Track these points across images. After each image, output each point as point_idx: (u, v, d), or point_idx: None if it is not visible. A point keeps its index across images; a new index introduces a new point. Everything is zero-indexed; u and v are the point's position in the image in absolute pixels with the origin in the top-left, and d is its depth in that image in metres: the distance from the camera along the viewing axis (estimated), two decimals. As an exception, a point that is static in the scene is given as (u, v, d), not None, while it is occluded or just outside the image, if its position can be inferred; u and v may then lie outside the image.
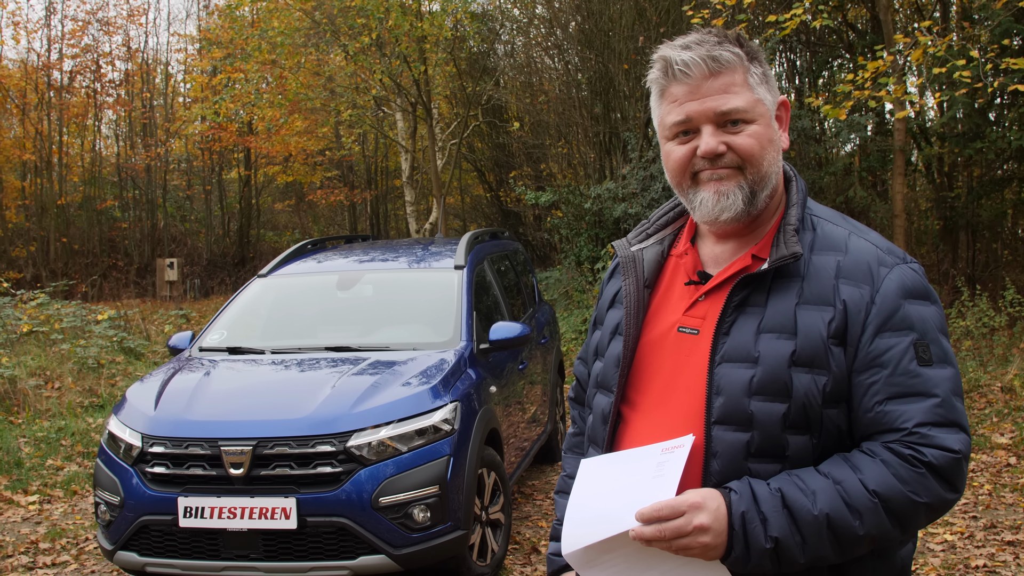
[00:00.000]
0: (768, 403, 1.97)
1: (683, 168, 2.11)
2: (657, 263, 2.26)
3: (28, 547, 7.32)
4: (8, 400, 11.78)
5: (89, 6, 32.26)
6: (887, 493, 1.90)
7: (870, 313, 1.99)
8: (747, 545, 1.88)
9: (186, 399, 6.02)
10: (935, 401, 1.94)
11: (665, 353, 2.14)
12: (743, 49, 2.09)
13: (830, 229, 2.12)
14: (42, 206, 30.22)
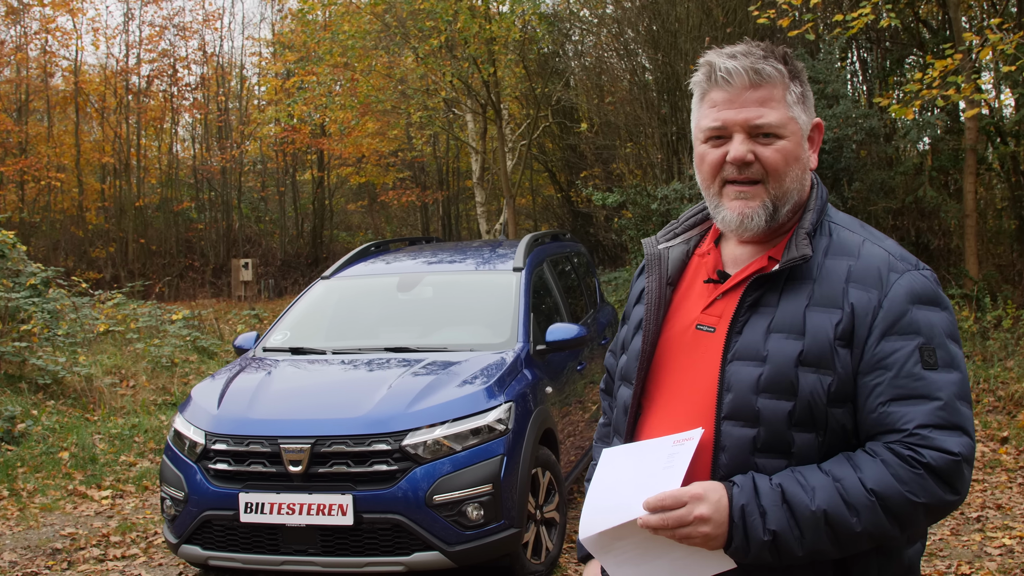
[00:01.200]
0: (774, 400, 2.04)
1: (714, 173, 2.19)
2: (681, 262, 2.34)
3: (100, 540, 7.55)
4: (85, 398, 12.11)
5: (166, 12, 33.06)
6: (885, 492, 1.95)
7: (877, 316, 2.05)
8: (746, 536, 1.95)
9: (248, 398, 6.19)
10: (937, 404, 1.99)
11: (683, 349, 2.22)
12: (787, 67, 2.16)
13: (846, 235, 2.18)
14: (121, 208, 30.89)
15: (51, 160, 29.10)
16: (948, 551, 6.46)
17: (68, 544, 7.45)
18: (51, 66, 30.96)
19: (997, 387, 10.57)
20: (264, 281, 29.83)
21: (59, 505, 8.55)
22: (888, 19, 13.05)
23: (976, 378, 10.80)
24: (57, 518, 8.20)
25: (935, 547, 6.55)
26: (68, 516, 8.27)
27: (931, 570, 6.08)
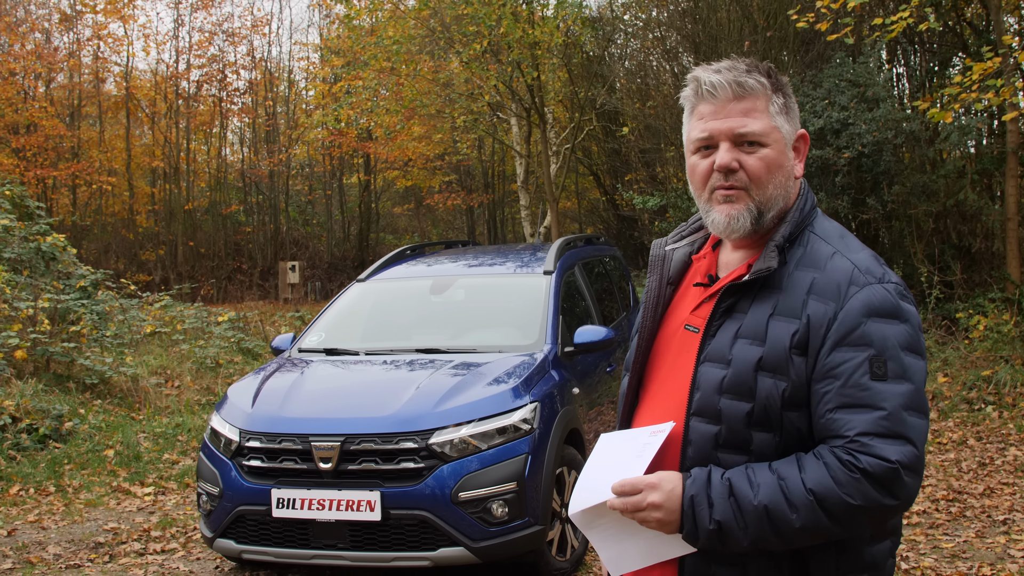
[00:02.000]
0: (735, 401, 2.18)
1: (704, 181, 2.31)
2: (683, 263, 2.49)
3: (141, 535, 7.76)
4: (130, 397, 12.38)
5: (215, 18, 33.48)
6: (822, 493, 2.06)
7: (831, 328, 2.15)
8: (695, 524, 2.10)
9: (281, 397, 6.37)
10: (881, 414, 2.09)
11: (673, 347, 2.38)
12: (769, 80, 2.29)
13: (819, 246, 2.29)
14: (170, 211, 31.36)
15: (103, 164, 29.60)
16: (971, 553, 6.51)
17: (110, 538, 7.67)
18: (103, 72, 31.50)
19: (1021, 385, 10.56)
20: (311, 283, 30.13)
21: (103, 501, 8.78)
22: (928, 22, 13.04)
23: (1015, 381, 10.79)
24: (101, 513, 8.42)
25: (958, 548, 6.59)
26: (111, 512, 8.49)
27: (952, 571, 6.13)
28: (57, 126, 28.08)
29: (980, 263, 15.09)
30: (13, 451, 9.77)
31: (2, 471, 9.34)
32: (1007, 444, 9.37)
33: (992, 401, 10.65)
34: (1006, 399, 10.61)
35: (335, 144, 30.25)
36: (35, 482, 9.16)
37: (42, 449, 10.00)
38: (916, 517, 7.36)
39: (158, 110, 31.95)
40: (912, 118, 14.48)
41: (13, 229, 13.98)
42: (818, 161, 13.97)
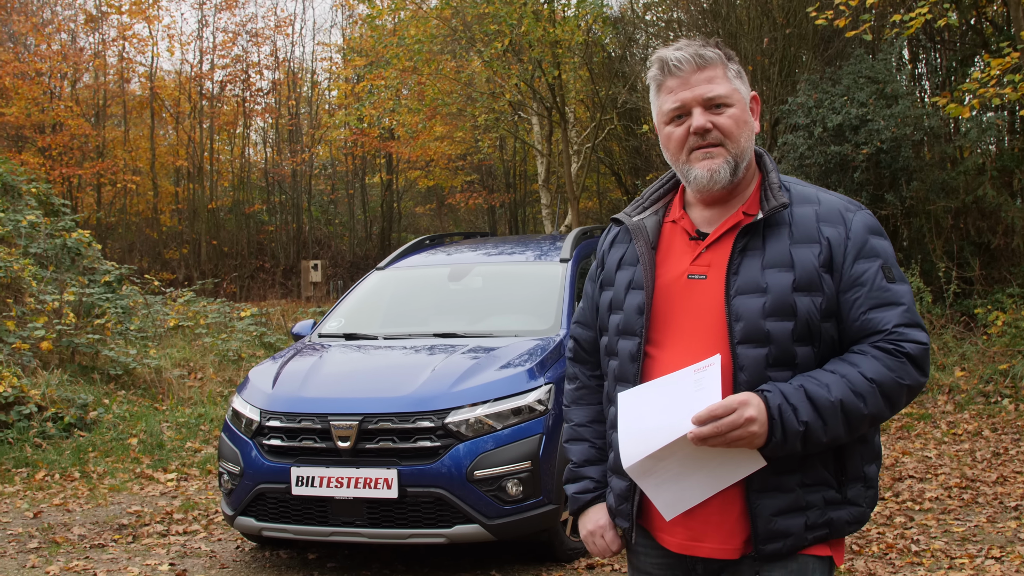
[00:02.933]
0: (780, 322, 2.45)
1: (680, 145, 2.58)
2: (656, 229, 2.69)
3: (163, 517, 7.90)
4: (154, 388, 12.55)
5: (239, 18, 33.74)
6: (880, 379, 2.39)
7: (848, 246, 2.50)
8: (784, 430, 2.33)
9: (301, 379, 6.50)
10: (903, 308, 2.47)
11: (679, 297, 2.57)
12: (722, 51, 2.58)
13: (801, 188, 2.63)
14: (194, 210, 31.60)
15: (127, 164, 29.86)
16: (982, 536, 6.57)
17: (133, 520, 7.82)
18: (128, 72, 31.77)
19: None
20: (333, 282, 30.31)
21: (126, 486, 8.94)
22: (945, 19, 13.07)
23: (1030, 374, 10.86)
24: (124, 498, 8.58)
25: (969, 532, 6.66)
26: (135, 496, 8.64)
27: (962, 553, 6.20)
28: (82, 125, 28.34)
29: (999, 260, 15.09)
30: (39, 439, 9.95)
31: (28, 458, 9.51)
32: (1022, 435, 9.42)
33: (1008, 394, 10.69)
34: (1022, 392, 10.64)
35: (357, 144, 30.42)
36: (60, 468, 9.33)
37: (67, 437, 10.18)
38: (928, 503, 7.43)
39: (182, 110, 32.21)
40: (931, 114, 14.51)
41: (39, 225, 14.18)
42: (836, 157, 14.02)
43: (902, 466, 8.59)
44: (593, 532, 2.78)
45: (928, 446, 9.33)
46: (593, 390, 2.89)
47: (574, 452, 2.86)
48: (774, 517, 2.44)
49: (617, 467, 2.61)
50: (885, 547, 6.36)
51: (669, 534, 2.57)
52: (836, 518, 2.49)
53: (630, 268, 2.68)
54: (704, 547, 2.52)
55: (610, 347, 2.71)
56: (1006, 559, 6.07)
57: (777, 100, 16.21)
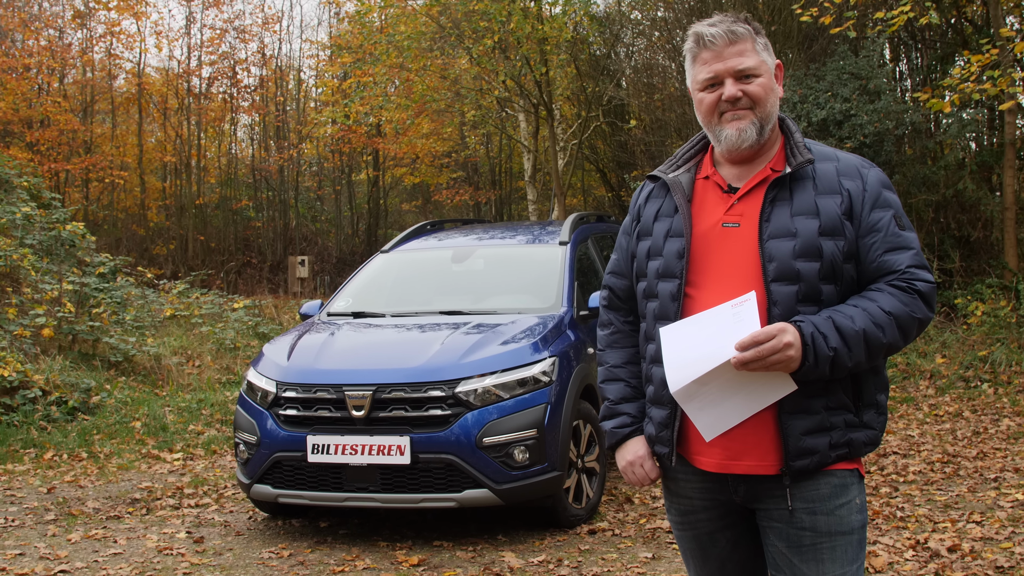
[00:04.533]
0: (808, 263, 2.76)
1: (712, 110, 2.90)
2: (691, 184, 3.01)
3: (174, 492, 8.17)
4: (154, 375, 12.81)
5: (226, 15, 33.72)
6: (897, 312, 2.73)
7: (865, 197, 2.82)
8: (816, 356, 2.64)
9: (315, 352, 6.80)
10: (913, 252, 2.80)
11: (715, 243, 2.88)
12: (751, 26, 2.88)
13: (820, 147, 2.95)
14: (181, 206, 31.74)
15: (115, 159, 29.98)
16: (963, 504, 6.90)
17: (146, 495, 8.07)
18: (115, 68, 31.89)
19: (1029, 368, 10.98)
20: (320, 278, 30.51)
21: (134, 465, 9.19)
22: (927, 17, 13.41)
23: (1009, 361, 11.21)
24: (133, 475, 8.83)
25: (951, 501, 6.99)
26: (144, 474, 8.89)
27: (944, 518, 6.53)
28: (71, 121, 28.46)
29: (979, 252, 15.48)
30: (44, 422, 10.18)
31: (35, 439, 9.74)
32: (1001, 416, 9.77)
33: (988, 379, 11.05)
34: (1001, 377, 11.01)
35: (345, 140, 30.62)
36: (68, 449, 9.56)
37: (71, 420, 10.41)
38: (912, 476, 7.76)
39: (170, 106, 32.34)
40: (913, 110, 14.86)
41: (34, 217, 14.37)
42: (821, 151, 14.32)
43: (886, 444, 8.92)
44: (632, 463, 3.05)
45: (911, 426, 9.67)
46: (627, 334, 3.17)
47: (611, 391, 3.14)
48: (803, 436, 2.76)
49: (657, 398, 2.94)
50: (872, 514, 6.68)
51: (707, 456, 2.86)
52: (855, 439, 2.82)
53: (667, 219, 2.98)
54: (742, 465, 2.82)
55: (649, 289, 3.00)
56: (986, 523, 6.40)
57: (762, 96, 16.50)
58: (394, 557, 6.22)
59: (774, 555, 2.89)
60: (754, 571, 3.05)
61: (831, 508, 2.81)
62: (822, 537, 2.81)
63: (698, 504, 2.98)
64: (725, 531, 2.99)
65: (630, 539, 6.46)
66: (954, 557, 5.72)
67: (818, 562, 2.81)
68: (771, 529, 2.88)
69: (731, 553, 3.01)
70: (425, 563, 6.09)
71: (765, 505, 2.86)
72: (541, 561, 6.02)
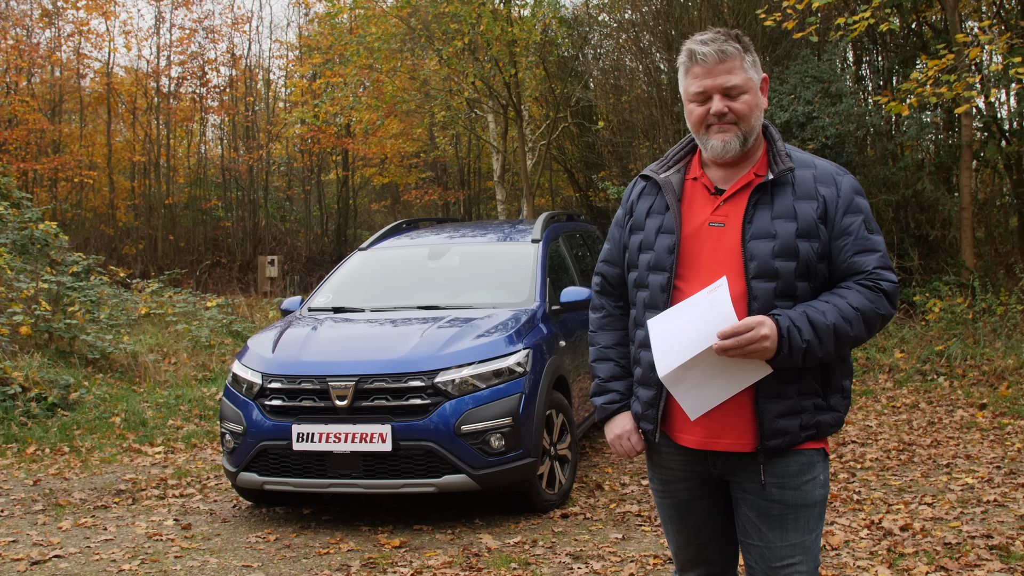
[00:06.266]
0: (785, 262, 3.04)
1: (701, 121, 3.18)
2: (680, 184, 3.30)
3: (159, 483, 8.41)
4: (131, 372, 13.00)
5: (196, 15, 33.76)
6: (864, 308, 3.01)
7: (838, 203, 3.11)
8: (790, 346, 2.93)
9: (299, 344, 7.08)
10: (880, 254, 3.09)
11: (702, 241, 3.16)
12: (740, 44, 3.13)
13: (799, 154, 3.23)
14: (150, 206, 31.78)
15: (83, 159, 29.99)
16: (916, 488, 7.28)
17: (130, 486, 8.31)
18: (84, 68, 31.90)
19: (983, 363, 11.37)
20: (290, 277, 30.67)
21: (116, 459, 9.40)
22: (887, 24, 13.82)
23: (964, 355, 11.63)
24: (116, 468, 9.05)
25: (905, 485, 7.37)
26: (127, 467, 9.12)
27: (898, 501, 6.89)
28: (39, 120, 28.48)
29: (937, 251, 15.93)
30: (24, 417, 10.37)
31: (16, 435, 9.93)
32: (955, 407, 10.17)
33: (944, 372, 11.46)
34: (956, 370, 11.42)
35: (314, 140, 30.79)
36: (49, 443, 9.76)
37: (51, 416, 10.60)
38: (869, 463, 8.13)
39: (138, 106, 32.39)
40: (873, 113, 15.28)
41: (6, 216, 14.50)
42: (784, 152, 14.70)
43: (845, 433, 9.29)
44: (620, 436, 3.36)
45: (869, 417, 10.05)
46: (617, 318, 3.46)
47: (601, 370, 3.44)
48: (776, 418, 3.06)
49: (644, 379, 3.23)
50: (831, 497, 7.03)
51: (688, 434, 3.17)
52: (823, 420, 3.12)
53: (659, 216, 3.26)
54: (721, 443, 3.12)
55: (640, 280, 3.27)
56: (937, 504, 6.77)
57: (727, 98, 16.88)
58: (376, 540, 6.52)
59: (744, 523, 3.21)
60: (726, 537, 3.36)
61: (798, 484, 3.13)
62: (788, 509, 3.13)
63: (679, 475, 3.28)
64: (702, 500, 3.29)
65: (601, 522, 6.79)
66: (906, 535, 6.08)
67: (783, 530, 3.15)
68: (743, 500, 3.19)
69: (706, 520, 3.32)
70: (406, 545, 6.39)
71: (739, 478, 3.17)
72: (517, 542, 6.33)
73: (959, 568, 5.46)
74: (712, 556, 3.38)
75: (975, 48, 12.28)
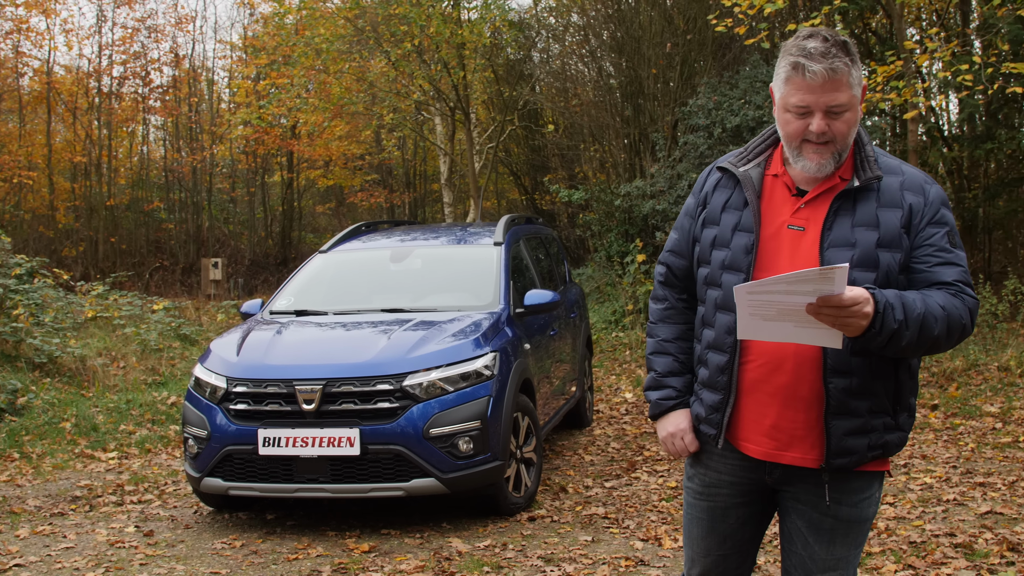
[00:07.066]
0: (864, 272, 2.92)
1: (797, 136, 3.00)
2: (760, 180, 3.16)
3: (115, 489, 8.28)
4: (79, 376, 12.80)
5: (139, 14, 33.34)
6: (950, 310, 2.87)
7: (924, 213, 2.98)
8: (883, 325, 2.76)
9: (264, 348, 7.02)
10: (962, 269, 2.97)
11: (781, 244, 3.04)
12: (850, 57, 2.93)
13: (886, 160, 3.10)
14: (91, 207, 31.34)
15: (22, 159, 29.50)
16: (878, 488, 7.36)
17: (87, 493, 8.17)
18: (23, 66, 31.40)
19: (932, 365, 11.56)
20: (233, 280, 30.41)
21: (69, 464, 9.25)
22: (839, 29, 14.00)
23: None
24: (70, 474, 8.90)
25: (867, 485, 7.45)
26: (80, 473, 8.97)
27: (861, 501, 6.97)
28: (-24, 119, 28.01)
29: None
30: (-31, 424, 10.18)
31: (-37, 441, 9.74)
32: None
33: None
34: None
35: (258, 142, 30.55)
36: (-2, 449, 9.59)
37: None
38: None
39: (79, 106, 31.92)
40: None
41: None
42: (735, 156, 14.85)
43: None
44: (674, 434, 3.27)
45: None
46: (680, 311, 3.35)
47: (659, 363, 3.33)
48: (845, 437, 2.96)
49: (712, 382, 3.13)
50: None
51: (755, 444, 3.08)
52: (889, 440, 3.03)
53: (735, 212, 3.12)
54: (786, 456, 3.03)
55: (712, 278, 3.15)
56: (899, 504, 6.86)
57: (678, 102, 17.05)
58: (345, 545, 6.47)
59: (791, 530, 3.15)
60: (747, 553, 3.31)
61: (855, 501, 3.06)
62: (840, 524, 3.07)
63: (725, 479, 3.20)
64: (740, 508, 3.21)
65: (568, 524, 6.79)
66: (871, 535, 6.15)
67: (831, 544, 3.08)
68: (794, 510, 3.12)
69: (737, 529, 3.24)
70: (376, 550, 6.35)
71: (794, 489, 3.10)
72: (487, 546, 6.32)
73: (926, 566, 5.54)
74: (728, 571, 3.32)
75: (924, 55, 12.48)
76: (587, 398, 10.12)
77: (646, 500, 7.36)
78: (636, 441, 9.44)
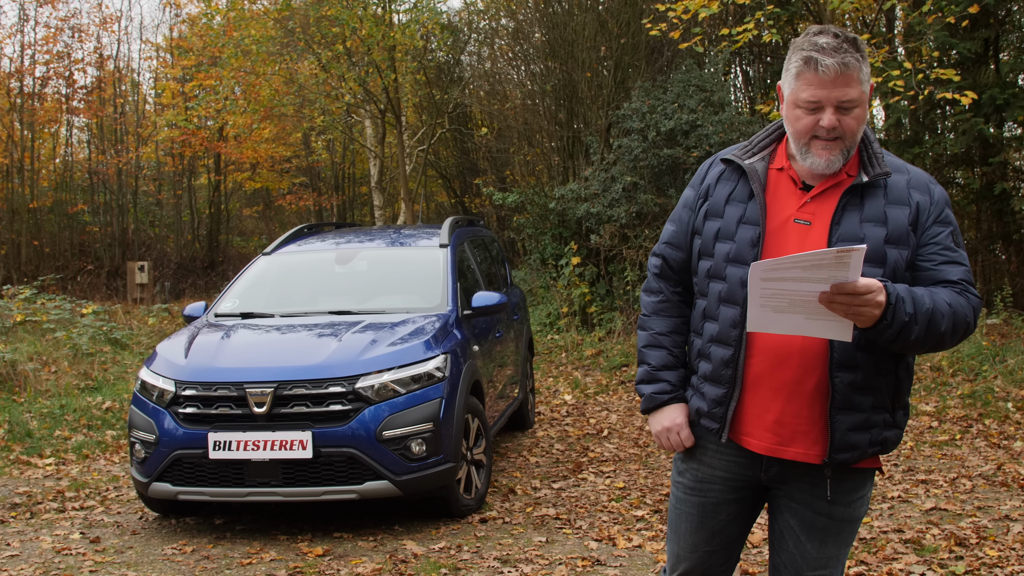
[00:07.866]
0: (872, 268, 2.91)
1: (807, 132, 3.00)
2: (764, 173, 3.15)
3: (56, 496, 8.13)
4: (10, 381, 12.55)
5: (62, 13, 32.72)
6: (956, 307, 2.91)
7: (930, 211, 3.03)
8: (893, 317, 2.78)
9: (213, 351, 6.95)
10: (965, 268, 3.02)
11: (787, 237, 3.04)
12: (860, 53, 2.95)
13: (892, 159, 3.13)
14: (13, 210, 30.69)
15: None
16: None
17: (26, 499, 8.01)
18: (-59, 66, 30.71)
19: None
20: (160, 284, 30.00)
21: (5, 471, 9.06)
22: (770, 35, 14.21)
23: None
24: (7, 481, 8.72)
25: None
26: (17, 479, 8.79)
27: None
28: None
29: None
30: None
31: None
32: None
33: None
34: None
35: (185, 144, 30.17)
36: (-72, 457, 9.37)
37: (-75, 429, 10.18)
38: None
39: (0, 106, 31.26)
40: (755, 121, 15.69)
41: None
42: (669, 159, 15.03)
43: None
44: (669, 428, 3.26)
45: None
46: (675, 304, 3.33)
47: (653, 357, 3.30)
48: (848, 432, 2.99)
49: (715, 376, 3.13)
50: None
51: (757, 439, 3.09)
52: (887, 437, 3.08)
53: (740, 204, 3.12)
54: (790, 451, 3.04)
55: (716, 271, 3.14)
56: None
57: (612, 106, 17.17)
58: (298, 549, 6.43)
59: (782, 528, 3.17)
60: (732, 551, 3.32)
61: (849, 500, 3.10)
62: (833, 523, 3.10)
63: (719, 474, 3.20)
64: (731, 504, 3.22)
65: (521, 526, 6.82)
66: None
67: (823, 542, 3.12)
68: (787, 508, 3.15)
69: (725, 526, 3.25)
70: (330, 553, 6.32)
71: (788, 487, 3.12)
72: (442, 548, 6.32)
73: (878, 562, 5.66)
74: (713, 568, 3.33)
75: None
76: (529, 400, 10.16)
77: (595, 501, 7.42)
78: (580, 443, 9.50)
